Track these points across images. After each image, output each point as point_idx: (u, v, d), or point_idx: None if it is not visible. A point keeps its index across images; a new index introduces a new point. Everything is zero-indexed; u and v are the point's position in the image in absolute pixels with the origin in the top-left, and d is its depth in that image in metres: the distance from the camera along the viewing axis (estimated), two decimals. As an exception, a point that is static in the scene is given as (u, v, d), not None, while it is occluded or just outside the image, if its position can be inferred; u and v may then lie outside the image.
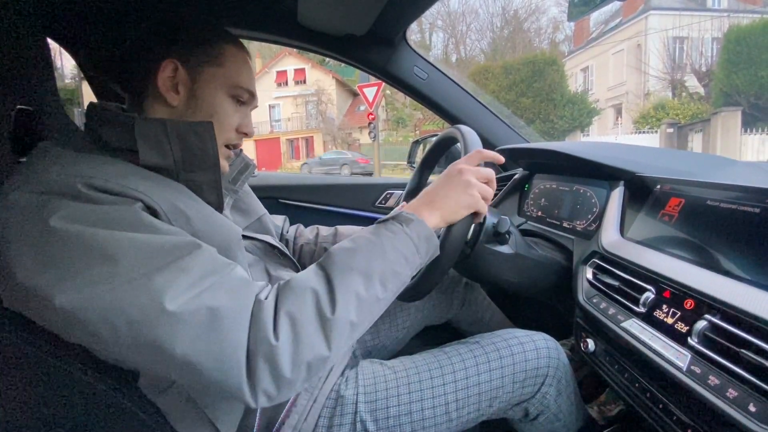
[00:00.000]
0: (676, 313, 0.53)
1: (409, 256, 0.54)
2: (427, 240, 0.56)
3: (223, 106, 0.60)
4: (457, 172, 0.61)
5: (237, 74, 0.60)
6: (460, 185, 0.60)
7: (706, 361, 0.46)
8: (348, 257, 0.50)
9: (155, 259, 0.41)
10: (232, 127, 0.62)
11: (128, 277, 0.40)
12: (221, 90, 0.60)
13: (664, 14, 15.67)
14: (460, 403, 0.65)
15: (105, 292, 0.39)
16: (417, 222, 0.56)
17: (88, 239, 0.40)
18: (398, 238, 0.54)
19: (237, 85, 0.60)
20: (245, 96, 0.62)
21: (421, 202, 0.60)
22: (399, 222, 0.55)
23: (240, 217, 0.77)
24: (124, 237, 0.41)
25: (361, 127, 18.32)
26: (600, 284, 0.68)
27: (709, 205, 0.58)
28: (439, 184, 0.61)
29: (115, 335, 0.39)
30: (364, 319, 0.49)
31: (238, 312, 0.43)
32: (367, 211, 1.45)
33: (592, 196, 0.85)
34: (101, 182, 0.44)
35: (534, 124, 13.83)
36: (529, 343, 0.71)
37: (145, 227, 0.43)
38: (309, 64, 20.73)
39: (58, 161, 0.46)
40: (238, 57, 0.61)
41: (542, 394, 0.70)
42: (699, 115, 12.39)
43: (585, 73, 19.70)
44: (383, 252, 0.52)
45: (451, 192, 0.60)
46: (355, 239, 0.54)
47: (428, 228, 0.56)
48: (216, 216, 0.55)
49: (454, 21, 27.05)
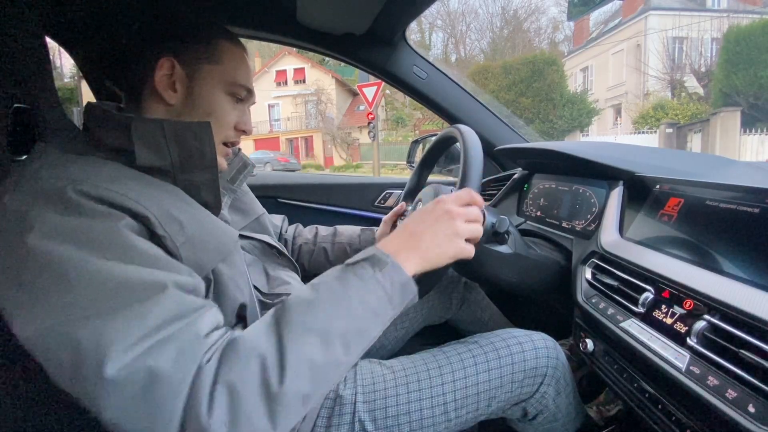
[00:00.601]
0: (675, 313, 0.53)
1: (380, 309, 0.47)
2: (403, 288, 0.49)
3: (221, 103, 0.59)
4: (444, 213, 0.54)
5: (234, 71, 0.60)
6: (448, 230, 0.53)
7: (705, 362, 0.46)
8: (305, 313, 0.44)
9: (116, 298, 0.38)
10: (230, 124, 0.61)
11: (84, 314, 0.37)
12: (219, 87, 0.59)
13: (663, 14, 15.69)
14: (459, 403, 0.65)
15: (60, 324, 0.37)
16: (392, 266, 0.49)
17: (56, 263, 0.38)
18: (368, 286, 0.47)
19: (235, 82, 0.60)
20: (243, 93, 0.62)
21: (400, 241, 0.53)
22: (371, 265, 0.48)
23: (238, 217, 0.77)
24: (93, 265, 0.39)
25: (361, 127, 18.32)
26: (599, 284, 0.68)
27: (709, 205, 0.58)
28: (422, 222, 0.54)
29: (59, 371, 0.37)
30: (320, 388, 0.43)
31: (180, 379, 0.37)
32: (367, 211, 1.45)
33: (592, 195, 0.85)
34: (91, 188, 0.43)
35: (533, 124, 13.85)
36: (528, 343, 0.71)
37: (119, 252, 0.41)
38: (308, 63, 20.72)
39: (50, 163, 0.46)
40: (235, 54, 0.60)
41: (541, 393, 0.70)
42: (698, 116, 12.40)
43: (584, 73, 19.71)
44: (348, 306, 0.45)
45: (436, 237, 0.53)
46: (317, 286, 0.47)
47: (405, 274, 0.49)
48: (211, 219, 0.54)
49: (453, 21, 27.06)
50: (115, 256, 0.40)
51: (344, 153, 19.76)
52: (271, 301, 0.70)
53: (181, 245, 0.47)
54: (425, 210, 0.56)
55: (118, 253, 0.41)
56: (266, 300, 0.70)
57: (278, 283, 0.75)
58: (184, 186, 0.53)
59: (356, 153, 19.48)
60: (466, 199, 0.57)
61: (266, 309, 0.68)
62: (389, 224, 0.96)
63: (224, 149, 0.62)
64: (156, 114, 0.57)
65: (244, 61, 0.62)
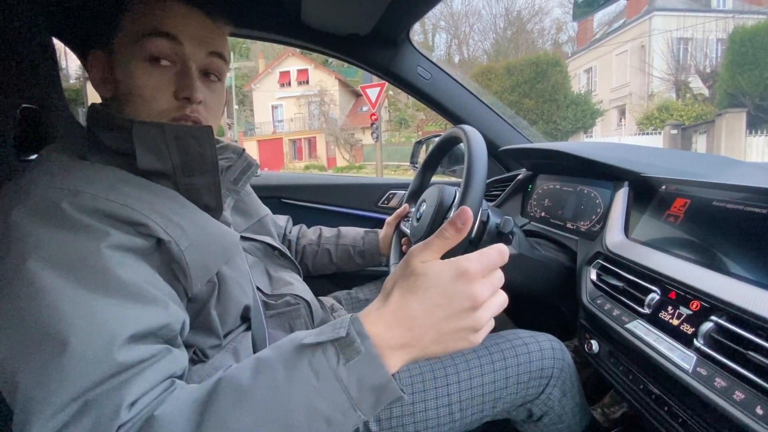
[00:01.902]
0: (682, 314, 0.52)
1: (336, 417, 0.35)
2: (378, 391, 0.36)
3: (139, 74, 0.51)
4: (468, 299, 0.37)
5: (136, 26, 0.50)
6: (465, 323, 0.38)
7: (712, 363, 0.46)
8: (233, 409, 0.34)
9: (59, 343, 0.35)
10: (164, 96, 0.52)
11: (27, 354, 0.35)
12: (133, 56, 0.50)
13: (668, 15, 15.63)
14: (464, 404, 0.65)
15: (8, 360, 0.35)
16: (366, 359, 0.35)
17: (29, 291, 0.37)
18: (322, 386, 0.35)
19: (140, 34, 0.50)
20: (161, 46, 0.51)
21: (394, 322, 0.37)
22: (337, 352, 0.36)
23: (241, 219, 0.77)
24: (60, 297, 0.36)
25: (364, 128, 18.33)
26: (604, 285, 0.67)
27: (716, 206, 0.58)
28: (427, 294, 0.37)
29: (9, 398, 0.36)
30: None
31: None
32: (370, 211, 1.45)
33: (596, 196, 0.84)
34: (88, 200, 0.42)
35: (537, 125, 13.82)
36: (534, 344, 0.71)
37: (94, 279, 0.38)
38: (312, 64, 20.77)
39: (50, 171, 0.45)
40: (139, 7, 0.51)
41: (546, 395, 0.70)
42: (703, 117, 12.34)
43: (588, 74, 19.65)
44: (287, 410, 0.35)
45: (445, 322, 0.37)
46: (260, 366, 0.37)
47: (384, 372, 0.36)
48: (212, 224, 0.53)
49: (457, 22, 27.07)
50: (87, 283, 0.38)
51: (347, 154, 19.79)
52: (275, 302, 0.70)
53: (186, 249, 0.47)
54: (440, 285, 0.38)
55: (92, 279, 0.38)
56: (269, 301, 0.70)
57: (281, 284, 0.75)
58: (185, 189, 0.52)
59: (359, 154, 19.50)
60: (496, 260, 0.40)
61: (270, 309, 0.68)
62: (392, 226, 0.96)
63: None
64: (119, 114, 0.52)
65: (152, 5, 0.51)
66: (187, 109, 0.53)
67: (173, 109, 0.53)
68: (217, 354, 0.55)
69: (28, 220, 0.40)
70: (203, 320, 0.53)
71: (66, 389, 0.34)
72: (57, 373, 0.34)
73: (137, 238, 0.44)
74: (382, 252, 0.97)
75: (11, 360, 0.35)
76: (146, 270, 0.44)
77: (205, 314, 0.53)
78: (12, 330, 0.36)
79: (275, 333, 0.67)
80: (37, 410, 0.33)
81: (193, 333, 0.51)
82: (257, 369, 0.37)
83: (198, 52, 0.54)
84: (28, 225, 0.40)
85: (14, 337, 0.36)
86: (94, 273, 0.39)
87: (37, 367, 0.35)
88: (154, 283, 0.44)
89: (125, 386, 0.35)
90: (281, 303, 0.70)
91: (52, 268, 0.38)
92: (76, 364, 0.35)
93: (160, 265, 0.46)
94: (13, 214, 0.40)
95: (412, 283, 0.38)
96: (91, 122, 0.53)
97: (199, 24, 0.54)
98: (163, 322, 0.42)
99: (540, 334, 0.74)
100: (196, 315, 0.52)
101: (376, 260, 0.98)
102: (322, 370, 0.35)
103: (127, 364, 0.36)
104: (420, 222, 0.80)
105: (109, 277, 0.40)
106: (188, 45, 0.52)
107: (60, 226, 0.40)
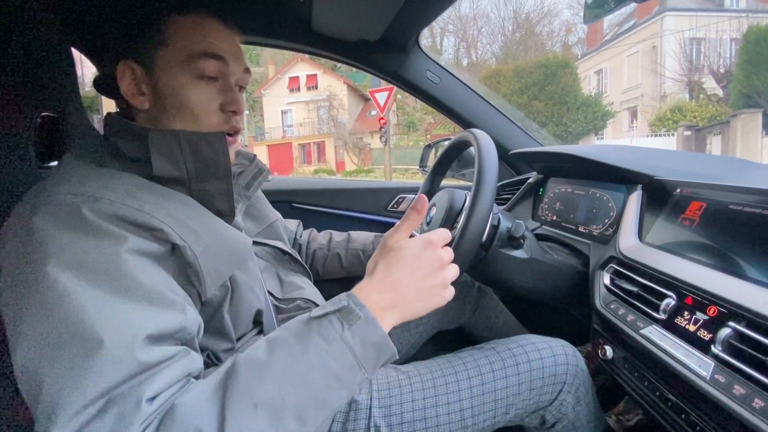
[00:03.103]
0: (699, 320, 0.51)
1: (346, 376, 0.42)
2: (378, 349, 0.44)
3: (188, 89, 0.53)
4: (436, 260, 0.50)
5: (186, 44, 0.52)
6: (437, 280, 0.49)
7: (730, 370, 0.45)
8: (254, 381, 0.39)
9: (83, 344, 0.37)
10: (211, 109, 0.55)
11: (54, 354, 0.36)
12: (180, 72, 0.52)
13: (680, 15, 15.42)
14: (476, 410, 0.65)
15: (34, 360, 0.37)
16: (366, 322, 0.43)
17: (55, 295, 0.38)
18: (332, 349, 0.42)
19: (191, 55, 0.52)
20: (211, 66, 0.53)
21: (382, 289, 0.47)
22: (340, 320, 0.43)
23: (252, 224, 0.78)
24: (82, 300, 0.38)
25: (373, 132, 18.39)
26: (618, 290, 0.67)
27: (732, 209, 0.57)
28: (409, 269, 0.48)
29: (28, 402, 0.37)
30: None
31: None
32: (380, 215, 1.45)
33: (609, 200, 0.83)
34: (107, 205, 0.43)
35: (547, 128, 13.72)
36: (547, 350, 0.70)
37: (114, 282, 0.40)
38: (321, 69, 20.94)
39: (69, 178, 0.46)
40: (186, 26, 0.52)
41: (560, 401, 0.69)
42: (717, 118, 12.12)
43: (599, 76, 19.46)
44: (306, 373, 0.40)
45: (424, 288, 0.49)
46: (274, 344, 0.42)
47: (380, 331, 0.44)
48: (225, 228, 0.54)
49: (465, 25, 27.08)
50: (109, 286, 0.39)
51: (356, 158, 19.86)
52: (286, 306, 0.70)
53: (200, 254, 0.48)
54: (413, 254, 0.49)
55: (112, 282, 0.40)
56: (280, 305, 0.70)
57: (292, 288, 0.75)
58: (199, 195, 0.53)
59: (368, 158, 19.56)
60: (448, 238, 0.53)
61: (281, 314, 0.69)
62: None
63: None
64: (142, 123, 0.54)
65: (202, 28, 0.53)
66: (233, 121, 0.57)
67: (222, 122, 0.56)
68: (230, 357, 0.55)
69: (49, 225, 0.41)
70: (216, 324, 0.54)
71: (90, 388, 0.35)
72: (81, 373, 0.36)
73: (154, 243, 0.45)
74: None
75: (35, 360, 0.37)
76: (163, 274, 0.45)
77: (218, 318, 0.54)
78: (36, 331, 0.37)
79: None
80: (62, 408, 0.35)
81: (206, 337, 0.52)
82: (271, 346, 0.42)
83: (237, 69, 0.57)
84: (50, 230, 0.41)
85: (39, 339, 0.37)
86: (114, 276, 0.40)
87: (62, 367, 0.36)
88: (170, 287, 0.45)
89: (146, 383, 0.37)
90: (292, 307, 0.71)
91: (74, 271, 0.39)
92: (100, 363, 0.36)
93: (175, 269, 0.47)
94: (34, 219, 0.42)
95: (392, 257, 0.49)
96: (107, 131, 0.54)
97: (233, 42, 0.57)
98: (181, 325, 0.43)
99: (553, 339, 0.73)
100: (210, 319, 0.53)
101: None
102: (331, 335, 0.42)
103: (148, 364, 0.38)
104: (430, 226, 0.80)
105: (129, 280, 0.41)
106: (231, 63, 0.56)
107: (81, 230, 0.41)
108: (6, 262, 0.42)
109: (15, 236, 0.42)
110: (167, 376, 0.39)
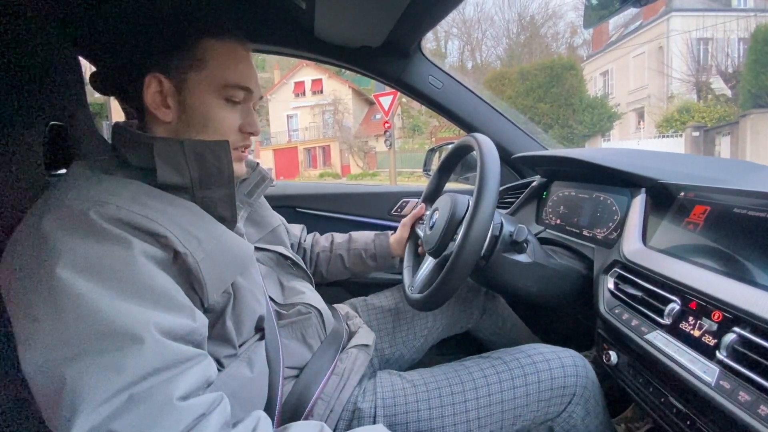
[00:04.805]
0: (703, 325, 0.51)
1: None
2: None
3: (216, 111, 0.56)
4: None
5: (223, 73, 0.56)
6: None
7: (735, 376, 0.44)
8: None
9: (102, 340, 0.38)
10: (233, 129, 0.59)
11: (73, 352, 0.38)
12: (210, 94, 0.56)
13: (686, 15, 15.28)
14: (483, 421, 0.64)
15: (51, 361, 0.38)
16: None
17: (66, 297, 0.39)
18: None
19: (226, 84, 0.56)
20: (240, 94, 0.58)
21: None
22: None
23: (254, 230, 0.79)
24: (96, 300, 0.39)
25: (377, 135, 18.45)
26: (622, 294, 0.66)
27: (737, 213, 0.56)
28: None
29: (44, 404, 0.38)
30: None
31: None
32: (383, 219, 1.46)
33: (613, 203, 0.83)
34: (113, 210, 0.44)
35: (553, 130, 13.66)
36: (555, 360, 0.70)
37: (125, 283, 0.42)
38: (326, 74, 21.06)
39: (77, 185, 0.48)
40: (221, 53, 0.56)
41: (568, 413, 0.68)
42: (726, 118, 11.96)
43: (605, 77, 19.34)
44: None
45: None
46: None
47: None
48: (227, 235, 0.55)
49: (469, 28, 27.10)
50: (120, 287, 0.41)
51: (361, 161, 19.90)
52: (287, 311, 0.71)
53: (201, 261, 0.49)
54: None
55: (124, 284, 0.41)
56: (281, 310, 0.71)
57: (293, 293, 0.76)
58: (202, 202, 0.55)
59: (373, 161, 19.59)
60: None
61: (282, 319, 0.70)
62: (408, 227, 0.97)
63: (237, 154, 0.60)
64: (159, 133, 0.56)
65: (235, 58, 0.57)
66: (248, 140, 0.61)
67: (239, 140, 0.60)
68: (232, 363, 0.56)
69: (58, 229, 0.42)
70: (219, 330, 0.55)
71: (113, 382, 0.37)
72: (103, 369, 0.37)
73: (158, 248, 0.46)
74: (393, 254, 0.97)
75: (55, 360, 0.38)
76: (170, 279, 0.46)
77: (220, 324, 0.54)
78: (54, 333, 0.38)
79: (288, 342, 0.68)
80: (86, 401, 0.36)
81: (209, 343, 0.52)
82: None
83: (256, 96, 0.62)
84: (59, 233, 0.42)
85: (57, 339, 0.38)
86: (126, 277, 0.42)
87: (83, 364, 0.37)
88: (178, 290, 0.46)
89: (173, 382, 0.40)
90: (293, 312, 0.71)
91: (87, 273, 0.40)
92: (120, 358, 0.38)
93: (177, 275, 0.48)
94: (45, 225, 0.43)
95: None
96: (115, 140, 0.56)
97: (255, 70, 0.61)
98: (191, 328, 0.45)
99: (563, 349, 0.73)
100: (212, 325, 0.54)
101: (388, 262, 0.98)
102: None
103: (168, 361, 0.40)
104: (433, 231, 0.80)
105: (139, 282, 0.42)
106: (254, 91, 0.60)
107: (90, 234, 0.43)
108: (19, 268, 0.43)
109: (27, 242, 0.43)
110: (191, 377, 0.41)
